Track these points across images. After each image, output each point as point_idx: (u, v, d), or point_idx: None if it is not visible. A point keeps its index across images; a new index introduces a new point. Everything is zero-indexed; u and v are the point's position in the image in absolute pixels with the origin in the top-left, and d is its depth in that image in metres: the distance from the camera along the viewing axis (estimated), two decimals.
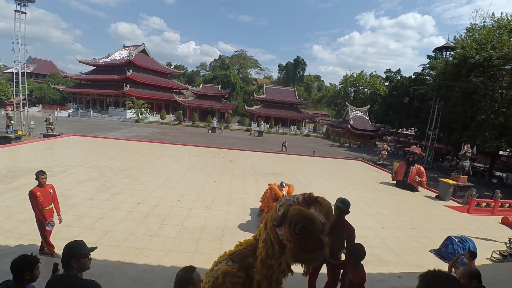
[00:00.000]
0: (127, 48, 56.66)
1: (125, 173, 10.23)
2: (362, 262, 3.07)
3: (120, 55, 54.85)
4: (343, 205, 3.61)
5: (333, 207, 2.90)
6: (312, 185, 10.95)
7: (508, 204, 9.99)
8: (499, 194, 9.98)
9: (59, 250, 4.35)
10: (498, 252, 6.25)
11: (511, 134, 22.32)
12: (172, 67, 73.60)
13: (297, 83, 77.07)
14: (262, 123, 46.17)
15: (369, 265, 4.85)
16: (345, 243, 3.56)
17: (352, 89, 61.96)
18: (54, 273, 2.35)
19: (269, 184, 6.94)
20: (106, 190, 8.20)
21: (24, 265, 2.19)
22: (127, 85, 46.56)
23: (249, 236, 3.95)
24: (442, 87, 29.06)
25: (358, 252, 2.97)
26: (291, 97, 57.05)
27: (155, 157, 13.80)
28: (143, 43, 57.08)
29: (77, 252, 2.14)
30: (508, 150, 25.68)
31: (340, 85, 64.67)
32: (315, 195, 2.72)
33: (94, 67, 55.39)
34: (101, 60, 54.52)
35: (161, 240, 5.60)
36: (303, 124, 57.16)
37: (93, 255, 4.76)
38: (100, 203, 7.15)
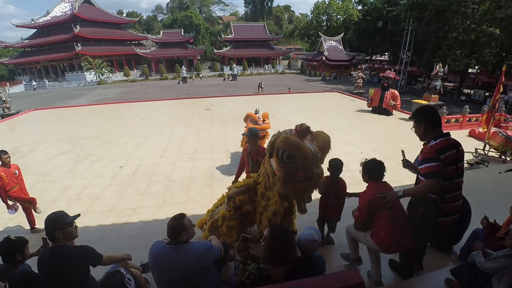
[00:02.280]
0: (67, 1, 47.93)
1: (99, 139, 9.79)
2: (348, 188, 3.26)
3: (61, 10, 46.70)
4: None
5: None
6: (292, 122, 11.02)
7: (475, 118, 10.70)
8: (468, 110, 10.62)
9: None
10: (466, 162, 6.90)
11: (480, 51, 22.87)
12: (124, 15, 64.60)
13: (266, 17, 71.40)
14: (234, 66, 43.78)
15: (351, 187, 5.17)
16: None
17: (324, 18, 58.49)
18: (45, 248, 2.33)
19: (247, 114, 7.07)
20: (83, 159, 7.91)
21: (14, 247, 2.20)
22: (78, 44, 41.07)
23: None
24: (415, 6, 28.32)
25: (337, 163, 3.11)
26: (261, 33, 53.38)
27: (127, 117, 13.16)
28: None
29: (59, 224, 2.08)
30: (476, 67, 26.62)
31: (311, 14, 60.67)
32: (307, 125, 2.63)
33: (35, 30, 47.48)
34: (40, 20, 46.33)
35: (152, 196, 5.69)
36: (277, 61, 55.04)
37: (87, 222, 4.83)
38: (81, 174, 6.96)
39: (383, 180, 2.50)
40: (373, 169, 2.45)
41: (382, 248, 2.29)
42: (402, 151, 2.64)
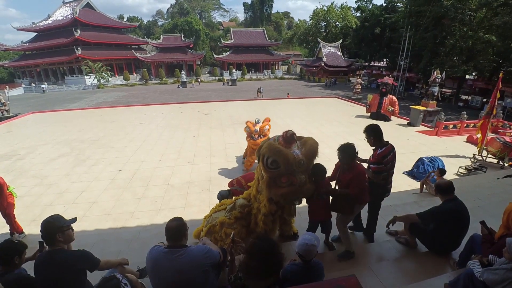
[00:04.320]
0: (68, 5, 48.30)
1: (97, 143, 9.77)
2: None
3: (62, 14, 46.97)
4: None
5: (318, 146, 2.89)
6: (290, 127, 10.90)
7: (472, 124, 10.64)
8: (465, 116, 10.64)
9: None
10: (464, 167, 6.91)
11: (477, 57, 23.07)
12: (125, 20, 65.13)
13: (266, 23, 72.16)
14: (234, 71, 44.01)
15: None
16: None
17: (323, 24, 59.11)
18: (41, 252, 2.30)
19: (246, 122, 6.99)
20: (81, 163, 7.88)
21: (14, 249, 2.19)
22: (79, 48, 41.21)
23: None
24: (413, 13, 28.64)
25: (320, 169, 3.03)
26: (261, 39, 53.81)
27: (126, 121, 13.16)
28: None
29: (59, 226, 2.07)
30: (474, 74, 26.82)
31: (310, 20, 61.28)
32: (293, 132, 2.73)
33: (36, 33, 47.62)
34: (41, 24, 46.52)
35: (150, 201, 5.66)
36: (276, 67, 55.35)
37: (84, 226, 4.78)
38: (79, 177, 6.92)
39: None
40: (353, 150, 2.99)
41: (366, 202, 3.25)
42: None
